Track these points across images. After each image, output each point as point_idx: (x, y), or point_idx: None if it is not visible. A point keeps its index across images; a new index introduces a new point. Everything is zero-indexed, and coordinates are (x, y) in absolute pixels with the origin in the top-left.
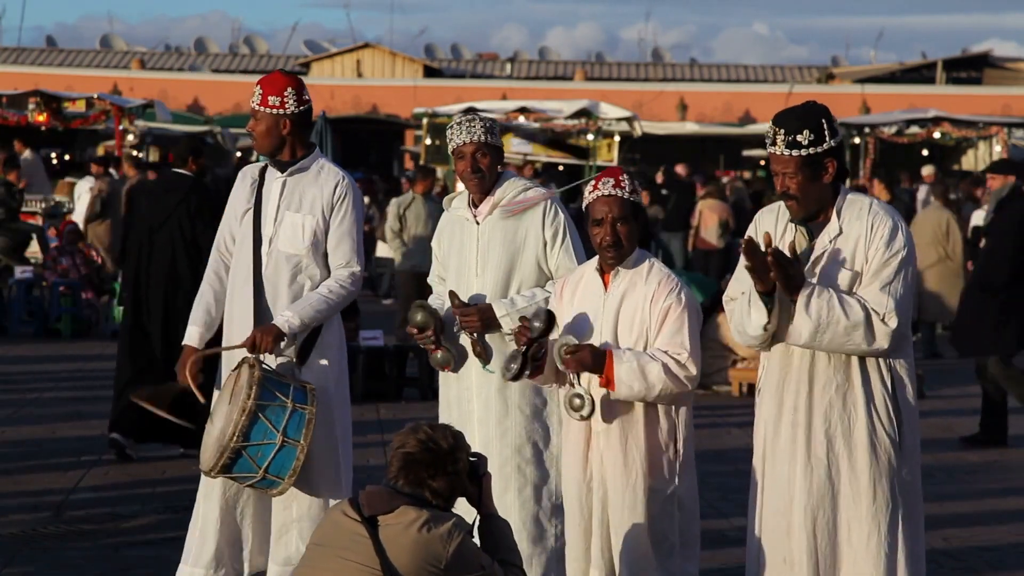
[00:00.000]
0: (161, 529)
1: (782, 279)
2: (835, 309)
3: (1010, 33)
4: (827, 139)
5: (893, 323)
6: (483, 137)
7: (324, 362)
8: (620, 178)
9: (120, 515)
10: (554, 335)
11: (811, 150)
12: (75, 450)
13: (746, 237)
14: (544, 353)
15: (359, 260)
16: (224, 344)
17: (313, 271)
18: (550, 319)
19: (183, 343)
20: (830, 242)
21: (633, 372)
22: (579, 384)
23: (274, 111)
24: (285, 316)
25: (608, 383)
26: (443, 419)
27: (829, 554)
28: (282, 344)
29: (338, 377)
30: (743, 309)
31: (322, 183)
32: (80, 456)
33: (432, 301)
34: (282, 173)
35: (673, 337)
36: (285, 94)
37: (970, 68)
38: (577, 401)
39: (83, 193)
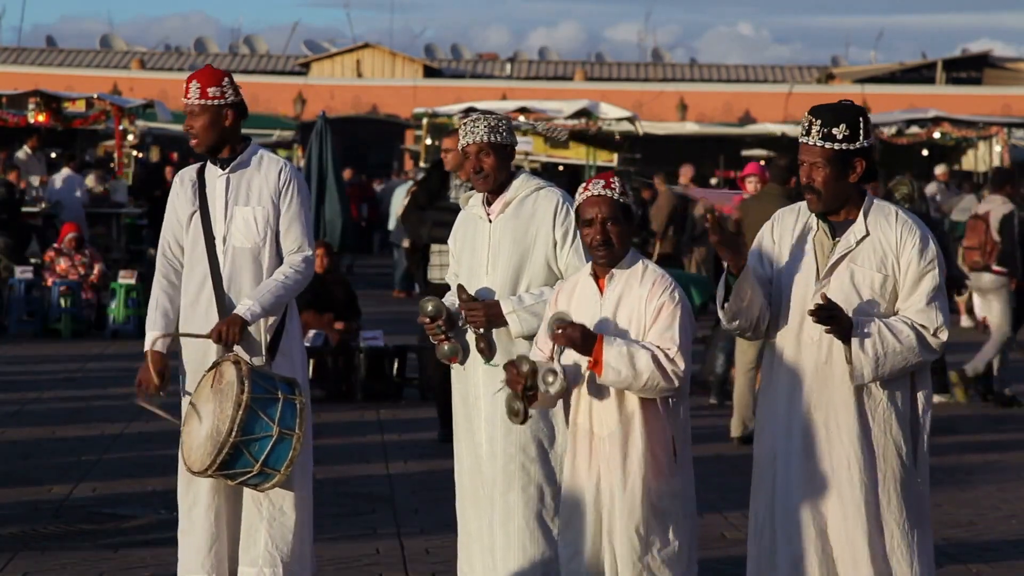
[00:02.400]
0: (161, 529)
1: (836, 331)
2: (887, 340)
3: (1010, 33)
4: (860, 138)
5: (944, 335)
6: (485, 138)
7: (291, 356)
8: (611, 180)
9: (120, 515)
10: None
11: (843, 146)
12: (75, 450)
13: (715, 212)
14: (536, 388)
15: (310, 243)
16: (186, 347)
17: (271, 261)
18: (531, 361)
19: (146, 349)
20: (856, 243)
21: (621, 357)
22: (558, 362)
23: (216, 102)
24: (246, 304)
25: (595, 365)
26: (456, 416)
27: (849, 555)
28: (249, 330)
29: (302, 370)
30: (720, 297)
31: (265, 172)
32: (80, 456)
33: (447, 298)
34: (224, 170)
35: (664, 332)
36: (223, 84)
37: (970, 68)
38: (550, 378)
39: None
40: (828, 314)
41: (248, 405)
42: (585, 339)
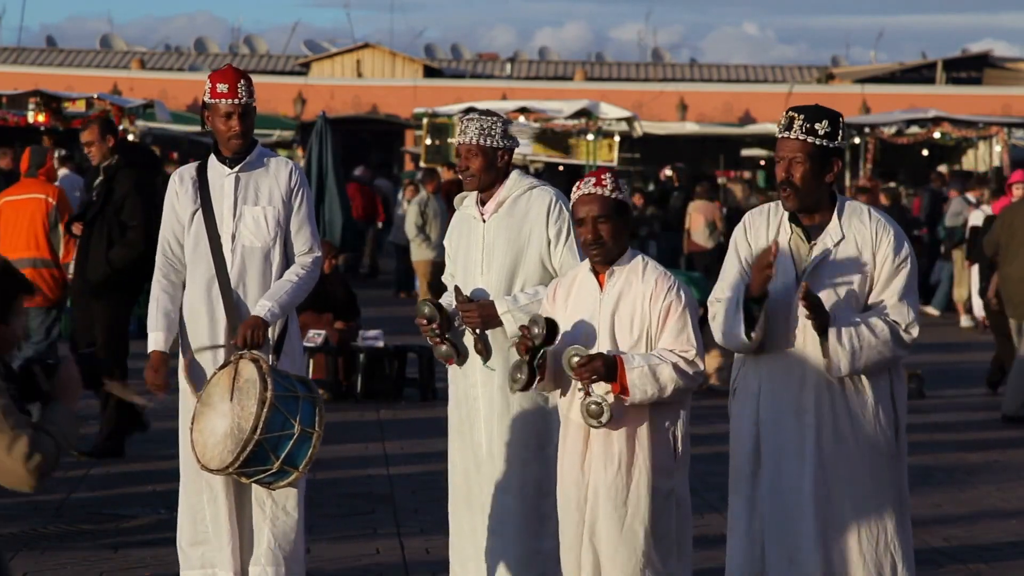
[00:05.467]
0: (161, 529)
1: (816, 320)
2: (863, 334)
3: (1012, 33)
4: (839, 138)
5: (915, 331)
6: (474, 139)
7: (294, 356)
8: (602, 177)
9: (120, 515)
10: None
11: (824, 142)
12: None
13: (762, 250)
14: (544, 359)
15: (318, 245)
16: (195, 344)
17: (280, 261)
18: (551, 325)
19: (150, 349)
20: (834, 246)
21: (645, 376)
22: (594, 392)
23: (254, 102)
24: (265, 306)
25: (623, 391)
26: (452, 417)
27: (838, 554)
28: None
29: (302, 368)
30: (730, 313)
31: (275, 173)
32: (80, 456)
33: (444, 299)
34: (232, 169)
35: (679, 335)
36: (253, 86)
37: (970, 68)
38: (595, 408)
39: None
40: (815, 302)
41: (272, 403)
42: (607, 369)
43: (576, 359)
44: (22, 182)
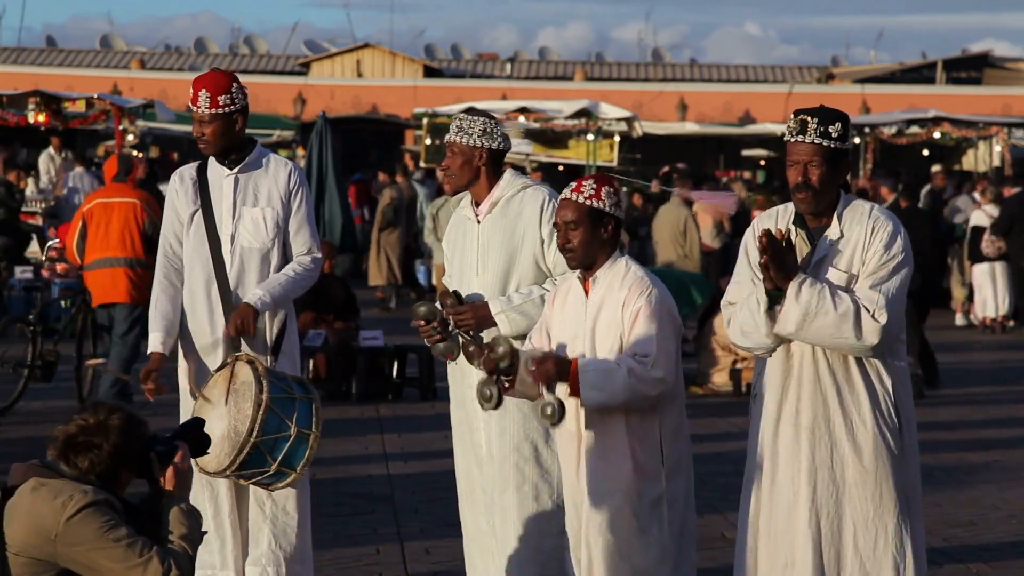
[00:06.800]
0: None
1: (775, 266)
2: (825, 299)
3: (1013, 34)
4: (848, 140)
5: (883, 319)
6: (450, 136)
7: (292, 356)
8: (582, 183)
9: None
10: (521, 345)
11: (839, 144)
12: None
13: (762, 230)
14: (514, 369)
15: (318, 245)
16: (198, 345)
17: (278, 261)
18: (509, 343)
19: (149, 350)
20: (830, 245)
21: (597, 381)
22: (547, 393)
23: (226, 110)
24: (256, 295)
25: (574, 393)
26: (453, 419)
27: (834, 557)
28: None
29: (297, 368)
30: (752, 311)
31: (274, 174)
32: None
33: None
34: (231, 170)
35: (639, 340)
36: (232, 91)
37: (970, 68)
38: (548, 411)
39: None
40: (776, 250)
41: (268, 405)
42: (560, 370)
43: (531, 360)
44: (110, 186)
